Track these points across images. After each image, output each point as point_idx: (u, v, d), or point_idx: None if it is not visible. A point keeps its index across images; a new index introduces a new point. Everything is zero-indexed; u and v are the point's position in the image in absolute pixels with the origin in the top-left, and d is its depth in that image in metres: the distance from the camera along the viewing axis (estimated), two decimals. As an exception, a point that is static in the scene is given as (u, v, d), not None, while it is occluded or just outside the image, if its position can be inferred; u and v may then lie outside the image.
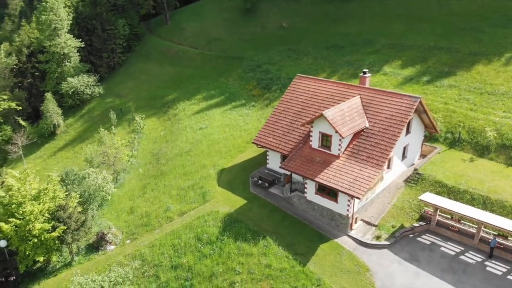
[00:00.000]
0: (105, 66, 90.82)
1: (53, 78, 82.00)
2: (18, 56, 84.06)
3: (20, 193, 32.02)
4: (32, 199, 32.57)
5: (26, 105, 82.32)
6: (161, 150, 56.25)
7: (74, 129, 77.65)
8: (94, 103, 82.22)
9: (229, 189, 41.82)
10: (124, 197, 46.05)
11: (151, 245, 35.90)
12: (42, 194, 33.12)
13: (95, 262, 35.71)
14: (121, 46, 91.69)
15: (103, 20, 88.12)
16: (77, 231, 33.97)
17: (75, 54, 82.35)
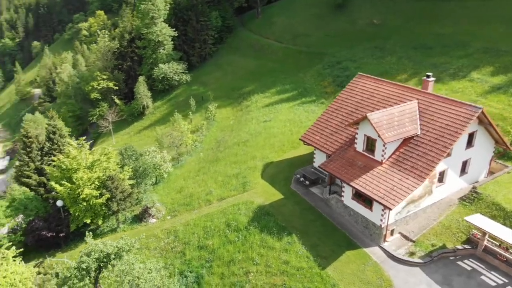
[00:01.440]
0: (197, 56, 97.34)
1: (148, 63, 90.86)
2: (120, 41, 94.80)
3: (76, 160, 37.18)
4: (86, 168, 37.57)
5: (123, 86, 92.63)
6: (224, 138, 59.14)
7: (160, 111, 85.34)
8: (181, 89, 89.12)
9: (270, 183, 42.56)
10: (180, 177, 49.79)
11: (186, 224, 38.61)
12: (95, 165, 37.97)
13: (136, 231, 39.77)
14: (212, 37, 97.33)
15: (198, 12, 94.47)
16: (123, 201, 38.18)
17: (169, 42, 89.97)
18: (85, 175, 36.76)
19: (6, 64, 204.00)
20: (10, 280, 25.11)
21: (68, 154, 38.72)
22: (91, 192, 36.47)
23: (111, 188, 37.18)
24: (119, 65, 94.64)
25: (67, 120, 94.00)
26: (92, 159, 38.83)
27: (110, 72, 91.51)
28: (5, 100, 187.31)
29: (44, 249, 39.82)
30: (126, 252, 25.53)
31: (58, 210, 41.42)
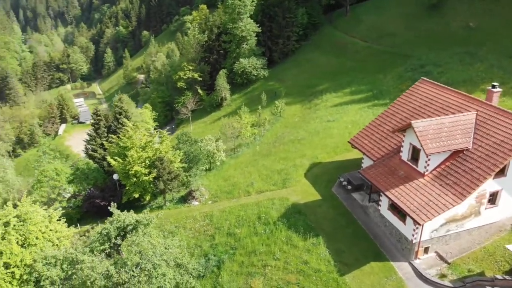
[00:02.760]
0: (279, 52, 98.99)
1: (231, 57, 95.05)
2: (209, 34, 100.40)
3: (131, 140, 41.26)
4: (139, 147, 41.50)
5: (208, 77, 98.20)
6: (283, 134, 59.86)
7: (236, 103, 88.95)
8: (258, 84, 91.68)
9: (312, 182, 42.37)
10: (232, 167, 51.95)
11: (222, 210, 40.48)
12: (148, 145, 41.74)
13: (178, 211, 42.86)
14: (297, 34, 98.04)
15: (285, 8, 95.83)
16: (170, 182, 41.41)
17: (252, 38, 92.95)
18: (136, 154, 40.74)
19: (119, 50, 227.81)
20: (48, 236, 29.46)
21: (125, 134, 43.20)
22: (141, 169, 40.33)
23: (159, 168, 40.60)
24: (206, 57, 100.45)
25: (156, 105, 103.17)
26: (145, 140, 42.76)
27: (196, 64, 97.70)
28: (114, 83, 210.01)
29: (98, 216, 45.00)
30: (144, 226, 28.02)
31: (114, 183, 46.49)
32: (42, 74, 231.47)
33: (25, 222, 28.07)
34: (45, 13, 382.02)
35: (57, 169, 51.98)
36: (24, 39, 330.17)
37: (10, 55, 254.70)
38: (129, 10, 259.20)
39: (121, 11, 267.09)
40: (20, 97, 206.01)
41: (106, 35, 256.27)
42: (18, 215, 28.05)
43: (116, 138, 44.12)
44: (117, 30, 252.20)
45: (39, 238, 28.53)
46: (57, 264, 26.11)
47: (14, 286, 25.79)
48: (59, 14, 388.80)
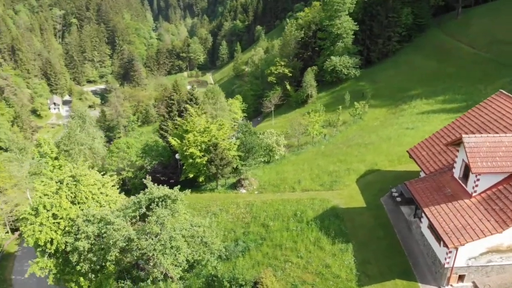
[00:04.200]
0: (378, 52, 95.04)
1: (325, 54, 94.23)
2: (306, 31, 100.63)
3: (192, 124, 44.49)
4: (198, 131, 44.60)
5: (298, 73, 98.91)
6: (354, 136, 58.10)
7: (321, 101, 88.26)
8: (348, 83, 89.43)
9: (361, 189, 40.97)
10: (290, 163, 52.49)
11: (264, 202, 41.58)
12: (206, 131, 44.62)
13: (226, 196, 45.15)
14: (399, 34, 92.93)
15: (388, 7, 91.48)
16: (222, 167, 43.83)
17: (348, 36, 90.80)
18: (193, 137, 43.97)
19: (233, 43, 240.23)
20: (97, 198, 33.92)
21: (186, 118, 46.75)
22: (196, 152, 43.47)
23: (212, 153, 43.27)
24: (300, 54, 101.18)
25: (248, 97, 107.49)
26: (204, 126, 45.75)
27: (289, 60, 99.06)
28: (224, 74, 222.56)
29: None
30: (172, 200, 30.64)
31: (176, 161, 50.57)
32: (164, 60, 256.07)
33: (78, 182, 32.99)
34: (176, 4, 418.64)
35: (128, 142, 58.45)
36: (155, 27, 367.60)
37: (140, 40, 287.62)
38: (247, 5, 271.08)
39: (240, 6, 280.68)
40: (142, 79, 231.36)
41: (224, 28, 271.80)
42: (73, 176, 33.11)
43: (180, 121, 48.09)
44: (234, 24, 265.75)
45: (88, 198, 33.21)
46: (94, 222, 30.24)
47: (58, 235, 30.75)
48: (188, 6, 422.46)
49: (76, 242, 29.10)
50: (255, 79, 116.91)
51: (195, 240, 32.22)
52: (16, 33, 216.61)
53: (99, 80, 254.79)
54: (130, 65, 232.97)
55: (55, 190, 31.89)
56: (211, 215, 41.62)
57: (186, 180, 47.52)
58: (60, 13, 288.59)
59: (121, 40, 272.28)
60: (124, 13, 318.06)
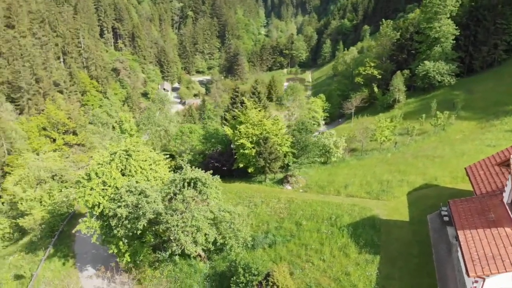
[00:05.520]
0: (481, 60, 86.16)
1: (420, 58, 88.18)
2: (403, 32, 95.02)
3: (246, 117, 46.15)
4: (251, 124, 46.11)
5: (389, 76, 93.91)
6: (428, 148, 54.40)
7: (408, 108, 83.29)
8: (441, 91, 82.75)
9: (409, 203, 38.85)
10: (349, 166, 51.40)
11: (304, 201, 41.78)
12: (258, 125, 45.94)
13: (271, 189, 46.26)
14: (506, 43, 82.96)
15: (496, 13, 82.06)
16: (270, 161, 44.89)
17: (448, 40, 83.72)
18: (245, 129, 45.65)
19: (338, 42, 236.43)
20: (145, 173, 37.47)
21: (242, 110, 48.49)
22: (246, 143, 45.16)
23: (261, 146, 44.54)
24: (394, 56, 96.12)
25: (334, 96, 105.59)
26: (258, 119, 47.07)
27: (381, 61, 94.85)
28: (324, 73, 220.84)
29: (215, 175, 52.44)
30: (202, 184, 32.81)
31: (231, 150, 52.78)
32: (267, 56, 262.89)
33: (129, 156, 36.96)
34: (289, 1, 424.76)
35: (192, 127, 62.21)
36: (266, 23, 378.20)
37: (248, 36, 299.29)
38: (358, 3, 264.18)
39: (351, 4, 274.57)
40: (244, 73, 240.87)
41: (331, 26, 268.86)
42: (126, 150, 37.18)
43: (237, 112, 50.18)
44: (342, 22, 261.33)
45: (137, 172, 37.04)
46: (135, 193, 33.76)
47: (105, 200, 35.00)
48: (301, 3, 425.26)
49: (117, 209, 32.97)
50: (344, 79, 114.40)
51: (223, 225, 34.01)
52: (137, 22, 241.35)
53: (207, 71, 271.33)
54: (235, 59, 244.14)
55: (108, 161, 36.36)
56: (252, 205, 43.14)
57: (239, 170, 49.65)
58: (178, 5, 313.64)
59: (230, 34, 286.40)
60: (237, 8, 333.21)
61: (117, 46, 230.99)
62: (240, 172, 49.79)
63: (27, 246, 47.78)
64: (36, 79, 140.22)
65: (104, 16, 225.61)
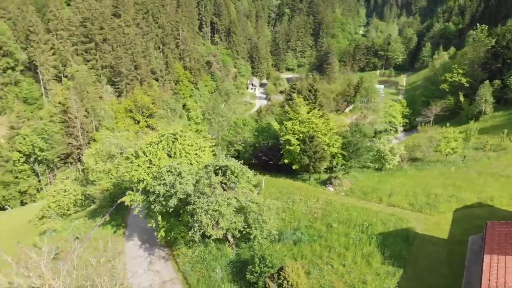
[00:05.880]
0: None
1: (515, 69, 79.17)
2: (499, 39, 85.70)
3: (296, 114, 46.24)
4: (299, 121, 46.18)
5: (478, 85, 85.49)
6: (499, 165, 49.38)
7: (493, 121, 75.88)
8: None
9: (454, 220, 36.32)
10: (404, 176, 49.00)
11: (342, 204, 40.98)
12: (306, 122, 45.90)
13: (314, 189, 46.08)
14: None
15: None
16: (314, 160, 44.62)
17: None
18: (291, 125, 45.81)
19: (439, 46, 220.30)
20: (189, 156, 39.82)
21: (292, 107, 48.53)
22: (292, 139, 45.41)
23: (306, 144, 44.42)
24: (487, 64, 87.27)
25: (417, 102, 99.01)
26: (306, 117, 46.81)
27: (472, 69, 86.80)
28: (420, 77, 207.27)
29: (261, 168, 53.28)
30: (231, 172, 34.25)
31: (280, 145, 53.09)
32: (360, 56, 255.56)
33: (176, 140, 39.65)
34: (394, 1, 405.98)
35: (246, 119, 63.36)
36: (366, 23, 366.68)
37: (343, 35, 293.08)
38: (465, 7, 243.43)
39: (457, 7, 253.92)
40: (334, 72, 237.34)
41: (434, 29, 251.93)
42: (173, 133, 39.96)
43: (287, 108, 50.38)
44: (446, 26, 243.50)
45: (182, 155, 39.60)
46: (174, 174, 36.29)
47: (148, 177, 38.09)
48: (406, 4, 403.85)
49: (156, 186, 35.90)
50: (431, 85, 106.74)
51: (251, 215, 35.19)
52: (234, 17, 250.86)
53: (297, 69, 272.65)
54: (325, 58, 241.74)
55: (157, 142, 39.56)
56: (290, 201, 43.53)
57: (286, 166, 50.03)
58: (276, 2, 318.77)
59: (325, 32, 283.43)
60: (336, 7, 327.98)
61: (214, 40, 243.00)
62: (288, 168, 50.18)
63: (91, 212, 54.00)
64: (135, 65, 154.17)
65: (204, 10, 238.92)
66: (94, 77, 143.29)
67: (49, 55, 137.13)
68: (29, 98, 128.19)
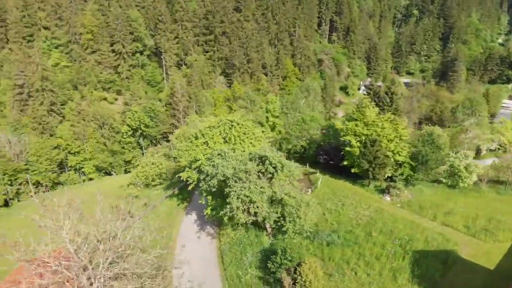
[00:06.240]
0: None
1: None
2: None
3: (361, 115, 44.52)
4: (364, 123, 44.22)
5: None
6: None
7: None
8: None
9: (509, 252, 31.99)
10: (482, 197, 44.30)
11: (391, 215, 38.99)
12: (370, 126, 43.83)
13: (368, 196, 44.17)
14: None
15: None
16: (374, 166, 42.75)
17: None
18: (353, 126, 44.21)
19: None
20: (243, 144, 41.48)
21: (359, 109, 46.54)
22: (352, 139, 44.07)
23: (367, 148, 42.63)
24: None
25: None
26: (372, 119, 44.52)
27: None
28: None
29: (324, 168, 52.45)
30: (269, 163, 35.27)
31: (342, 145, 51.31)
32: (493, 67, 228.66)
33: (232, 127, 41.67)
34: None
35: (313, 116, 61.64)
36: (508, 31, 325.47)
37: (477, 42, 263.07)
38: None
39: None
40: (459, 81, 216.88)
41: None
42: (230, 120, 42.05)
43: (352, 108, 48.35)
44: None
45: (236, 142, 41.51)
46: (223, 158, 38.47)
47: (203, 158, 40.84)
48: None
49: (206, 167, 38.68)
50: None
51: (288, 208, 36.02)
52: (354, 16, 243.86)
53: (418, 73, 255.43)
54: (451, 64, 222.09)
55: (216, 126, 42.29)
56: (340, 204, 42.79)
57: (347, 168, 48.55)
58: (404, 3, 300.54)
59: (455, 38, 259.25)
60: (473, 11, 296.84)
61: (331, 39, 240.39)
62: (350, 171, 48.62)
63: (167, 185, 59.76)
64: (248, 59, 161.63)
65: (325, 8, 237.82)
66: (210, 67, 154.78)
67: (173, 43, 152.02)
68: (152, 81, 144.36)
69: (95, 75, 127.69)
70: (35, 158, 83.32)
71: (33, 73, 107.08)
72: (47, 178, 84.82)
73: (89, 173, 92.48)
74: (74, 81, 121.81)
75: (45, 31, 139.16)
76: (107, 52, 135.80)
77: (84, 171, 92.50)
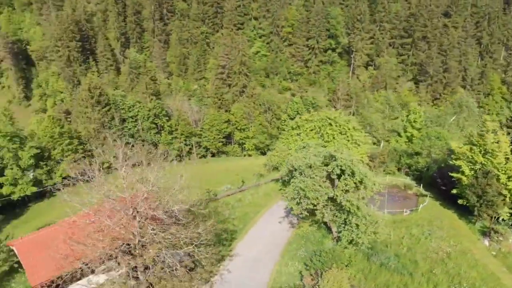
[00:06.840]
0: None
1: None
2: None
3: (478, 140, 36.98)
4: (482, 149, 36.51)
5: None
6: None
7: None
8: None
9: None
10: None
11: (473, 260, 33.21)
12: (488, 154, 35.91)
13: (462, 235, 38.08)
14: None
15: None
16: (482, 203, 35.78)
17: None
18: (465, 150, 37.05)
19: None
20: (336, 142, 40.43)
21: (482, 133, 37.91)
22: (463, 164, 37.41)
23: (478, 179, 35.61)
24: None
25: None
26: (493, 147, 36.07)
27: None
28: None
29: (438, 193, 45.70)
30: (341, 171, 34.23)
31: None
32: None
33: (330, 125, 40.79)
34: None
35: (440, 133, 50.99)
36: None
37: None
38: None
39: None
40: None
41: None
42: (329, 118, 41.20)
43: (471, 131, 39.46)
44: None
45: (329, 139, 40.74)
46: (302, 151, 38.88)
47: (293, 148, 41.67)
48: None
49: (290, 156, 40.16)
50: None
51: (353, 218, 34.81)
52: None
53: None
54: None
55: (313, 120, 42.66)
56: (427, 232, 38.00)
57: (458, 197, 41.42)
58: None
59: None
60: None
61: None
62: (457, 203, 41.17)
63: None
64: (445, 68, 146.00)
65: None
66: (399, 71, 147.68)
67: (366, 43, 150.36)
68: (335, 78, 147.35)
69: (286, 67, 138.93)
70: (208, 127, 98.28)
71: (235, 57, 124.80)
72: (213, 145, 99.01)
73: (249, 149, 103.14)
74: (268, 70, 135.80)
75: (255, 21, 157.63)
76: (302, 46, 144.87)
77: (245, 147, 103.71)
